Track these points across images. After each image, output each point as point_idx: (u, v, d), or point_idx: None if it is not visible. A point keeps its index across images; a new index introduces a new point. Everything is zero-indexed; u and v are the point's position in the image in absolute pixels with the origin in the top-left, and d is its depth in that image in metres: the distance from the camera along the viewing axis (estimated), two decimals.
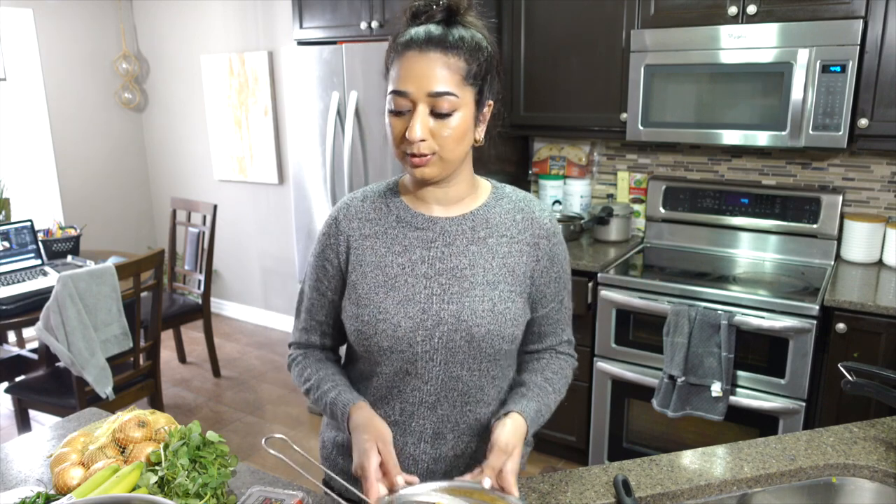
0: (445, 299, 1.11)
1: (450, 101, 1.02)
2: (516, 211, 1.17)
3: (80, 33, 4.52)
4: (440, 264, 1.12)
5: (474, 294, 1.11)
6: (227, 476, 1.12)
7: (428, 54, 1.02)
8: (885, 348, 2.19)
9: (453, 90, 1.02)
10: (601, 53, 2.78)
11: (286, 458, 1.09)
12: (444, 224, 1.14)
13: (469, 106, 1.05)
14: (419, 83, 1.02)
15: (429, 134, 1.03)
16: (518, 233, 1.16)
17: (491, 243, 1.14)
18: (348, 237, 1.17)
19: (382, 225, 1.16)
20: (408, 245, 1.14)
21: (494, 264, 1.13)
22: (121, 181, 4.94)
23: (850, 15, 2.27)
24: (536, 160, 3.37)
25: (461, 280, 1.12)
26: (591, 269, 2.65)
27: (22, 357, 3.26)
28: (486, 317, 1.11)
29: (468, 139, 1.08)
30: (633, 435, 2.69)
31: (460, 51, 1.03)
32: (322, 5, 3.16)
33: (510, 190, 1.21)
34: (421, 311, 1.11)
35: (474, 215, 1.15)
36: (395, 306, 1.11)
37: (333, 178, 3.04)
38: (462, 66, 1.03)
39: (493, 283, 1.12)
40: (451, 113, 1.03)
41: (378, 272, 1.14)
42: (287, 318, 4.63)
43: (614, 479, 1.17)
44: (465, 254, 1.13)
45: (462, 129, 1.05)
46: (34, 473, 1.25)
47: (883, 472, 1.21)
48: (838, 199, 2.63)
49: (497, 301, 1.12)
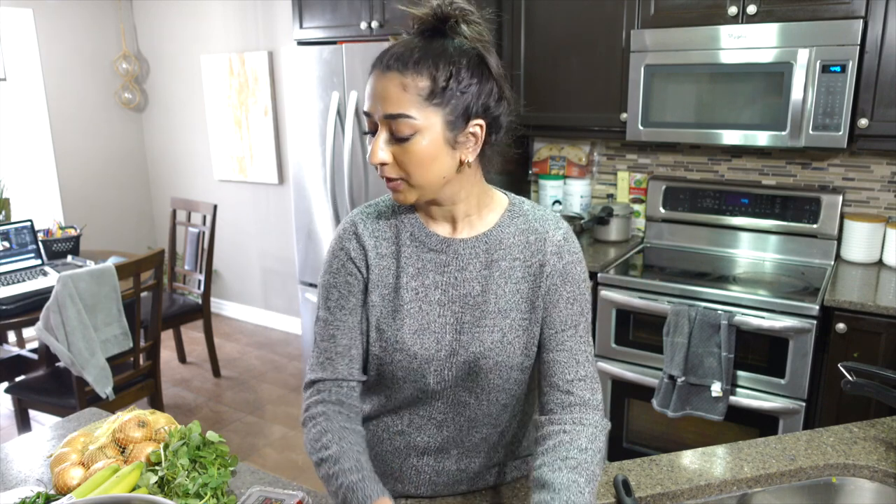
0: (458, 329, 1.08)
1: (407, 124, 0.95)
2: (531, 232, 1.09)
3: (80, 33, 4.52)
4: (453, 291, 1.08)
5: (485, 324, 1.07)
6: (227, 476, 1.12)
7: (387, 73, 0.96)
8: (885, 348, 2.19)
9: (410, 112, 0.95)
10: (601, 53, 2.78)
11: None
12: (458, 247, 1.08)
13: (434, 129, 0.96)
14: (376, 104, 0.97)
15: (391, 158, 0.98)
16: (531, 255, 1.08)
17: (504, 266, 1.08)
18: (367, 252, 1.09)
19: (396, 243, 1.10)
20: (421, 268, 1.09)
21: (507, 290, 1.07)
22: (121, 181, 4.94)
23: (850, 15, 2.27)
24: (536, 160, 3.37)
25: (473, 308, 1.07)
26: (591, 269, 2.65)
27: (22, 357, 3.26)
28: (495, 348, 1.07)
29: (441, 164, 0.99)
30: (633, 435, 2.69)
31: (425, 72, 0.95)
32: (322, 5, 3.16)
33: (528, 207, 1.13)
34: (435, 341, 1.08)
35: (488, 237, 1.08)
36: (411, 336, 1.07)
37: (333, 178, 3.04)
38: (423, 86, 0.95)
39: (505, 311, 1.07)
40: (409, 137, 0.96)
41: (393, 295, 1.09)
42: (287, 318, 4.63)
43: (614, 479, 1.17)
44: (477, 279, 1.08)
45: (426, 154, 0.97)
46: (34, 473, 1.25)
47: (883, 472, 1.21)
48: (838, 199, 2.63)
49: (507, 331, 1.07)
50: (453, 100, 0.97)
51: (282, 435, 3.28)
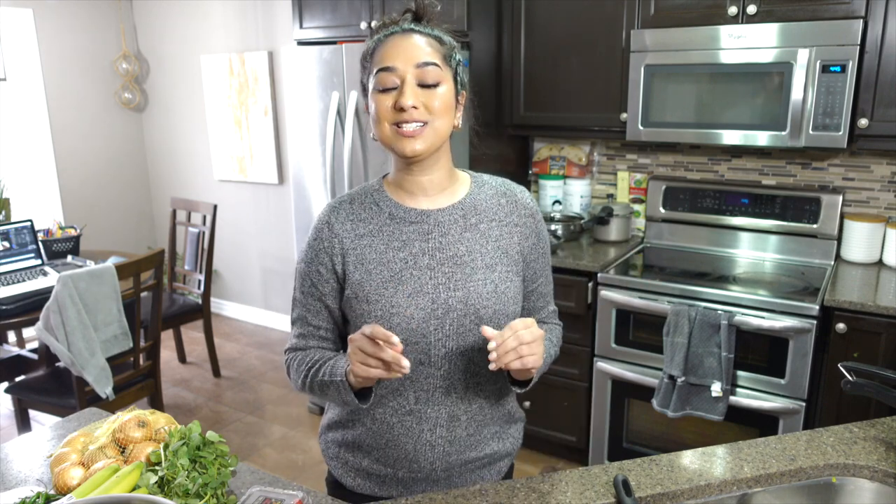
0: (451, 287, 1.16)
1: (436, 72, 1.11)
2: (499, 195, 1.25)
3: (80, 33, 4.52)
4: (440, 254, 1.17)
5: (477, 278, 1.17)
6: (227, 476, 1.12)
7: (411, 35, 1.13)
8: (885, 348, 2.19)
9: (438, 62, 1.12)
10: (601, 53, 2.78)
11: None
12: (437, 216, 1.19)
13: (450, 83, 1.14)
14: (406, 56, 1.10)
15: (420, 103, 1.10)
16: (506, 215, 1.23)
17: (483, 228, 1.21)
18: (342, 239, 1.19)
19: (376, 223, 1.20)
20: (406, 240, 1.18)
21: (490, 248, 1.20)
22: (121, 181, 4.94)
23: (850, 15, 2.27)
24: (536, 160, 3.37)
25: (462, 267, 1.18)
26: (591, 269, 2.65)
27: (22, 357, 3.26)
28: (491, 298, 1.17)
29: (451, 116, 1.15)
30: (633, 435, 2.69)
31: (437, 38, 1.15)
32: (322, 5, 3.16)
33: (487, 177, 1.28)
34: (431, 301, 1.15)
35: (463, 204, 1.21)
36: (405, 299, 1.15)
37: (333, 178, 3.04)
38: (442, 48, 1.14)
39: (492, 265, 1.19)
40: (437, 83, 1.11)
41: (382, 268, 1.17)
42: (287, 318, 4.63)
43: (614, 479, 1.17)
44: (461, 241, 1.19)
45: (448, 100, 1.13)
46: (34, 473, 1.25)
47: (883, 472, 1.21)
48: (838, 199, 2.63)
49: (498, 282, 1.19)
50: (456, 67, 1.16)
51: (282, 435, 3.28)
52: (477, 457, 1.27)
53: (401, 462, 1.23)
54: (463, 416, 1.22)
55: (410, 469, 1.23)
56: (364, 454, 1.27)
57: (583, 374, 2.75)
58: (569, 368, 2.76)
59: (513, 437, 1.35)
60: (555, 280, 2.45)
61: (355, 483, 1.29)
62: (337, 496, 1.29)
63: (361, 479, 1.29)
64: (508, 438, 1.33)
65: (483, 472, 1.30)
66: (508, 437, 1.33)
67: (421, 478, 1.25)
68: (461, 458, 1.25)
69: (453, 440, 1.23)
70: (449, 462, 1.24)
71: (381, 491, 1.27)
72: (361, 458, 1.27)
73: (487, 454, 1.29)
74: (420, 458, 1.22)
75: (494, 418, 1.28)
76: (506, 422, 1.32)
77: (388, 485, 1.27)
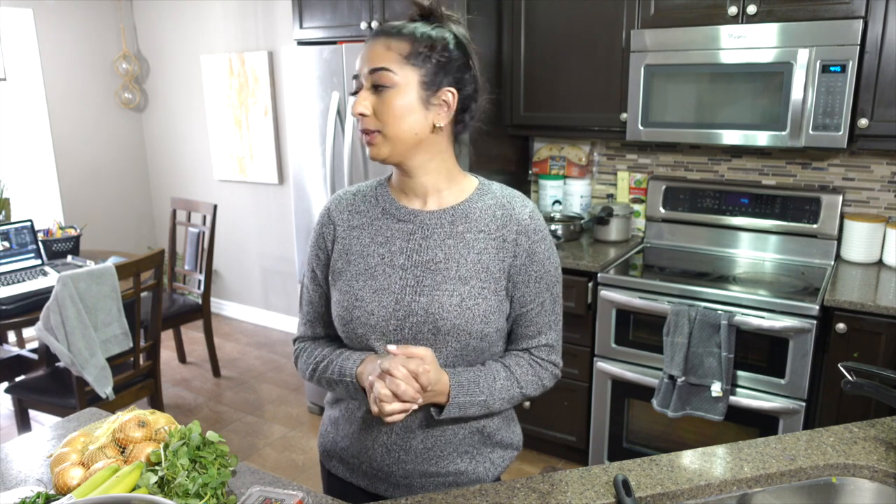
0: (418, 291, 1.14)
1: (386, 77, 1.09)
2: (497, 207, 1.18)
3: (80, 33, 4.52)
4: (417, 256, 1.16)
5: (445, 288, 1.14)
6: (227, 476, 1.12)
7: (376, 40, 1.12)
8: (885, 348, 2.19)
9: (389, 66, 1.09)
10: (601, 53, 2.78)
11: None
12: (425, 217, 1.18)
13: (410, 85, 1.10)
14: (364, 63, 1.12)
15: (371, 111, 1.11)
16: (496, 229, 1.16)
17: (468, 238, 1.16)
18: (336, 227, 1.23)
19: (369, 216, 1.21)
20: (389, 236, 1.18)
21: (469, 259, 1.15)
22: (121, 181, 4.94)
23: (850, 15, 2.27)
24: (536, 160, 3.37)
25: (434, 273, 1.15)
26: (591, 269, 2.65)
27: (22, 357, 3.26)
28: (453, 311, 1.13)
29: (414, 120, 1.11)
30: (633, 435, 2.69)
31: (406, 38, 1.11)
32: (322, 5, 3.16)
33: (497, 187, 1.23)
34: (394, 301, 1.15)
35: (454, 210, 1.18)
36: (370, 294, 1.16)
37: (333, 178, 3.04)
38: (404, 48, 1.10)
39: (465, 278, 1.14)
40: (388, 87, 1.09)
41: (360, 261, 1.19)
42: (287, 318, 4.64)
43: (614, 479, 1.17)
44: (441, 247, 1.16)
45: (400, 104, 1.10)
46: (34, 473, 1.25)
47: (883, 472, 1.21)
48: (838, 199, 2.63)
49: (466, 296, 1.13)
50: (429, 64, 1.11)
51: (282, 435, 3.28)
52: (438, 472, 1.22)
53: (363, 456, 1.24)
54: (417, 428, 1.19)
55: (371, 465, 1.24)
56: (341, 437, 1.29)
57: (583, 374, 2.75)
58: (569, 368, 2.76)
59: (492, 463, 1.27)
60: None
61: (331, 465, 1.33)
62: (336, 495, 1.30)
63: (336, 461, 1.31)
64: (484, 462, 1.25)
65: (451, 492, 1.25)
66: (485, 461, 1.26)
67: (381, 477, 1.24)
68: (419, 468, 1.21)
69: (408, 449, 1.20)
70: (406, 470, 1.22)
71: (351, 477, 1.29)
72: (339, 440, 1.29)
73: (452, 472, 1.23)
74: (377, 458, 1.23)
75: (460, 436, 1.22)
76: (481, 443, 1.25)
77: (356, 474, 1.28)
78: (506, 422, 1.29)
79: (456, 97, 1.14)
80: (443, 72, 1.12)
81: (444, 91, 1.12)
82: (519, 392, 1.20)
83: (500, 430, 1.28)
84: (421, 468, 1.22)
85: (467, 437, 1.23)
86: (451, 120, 1.16)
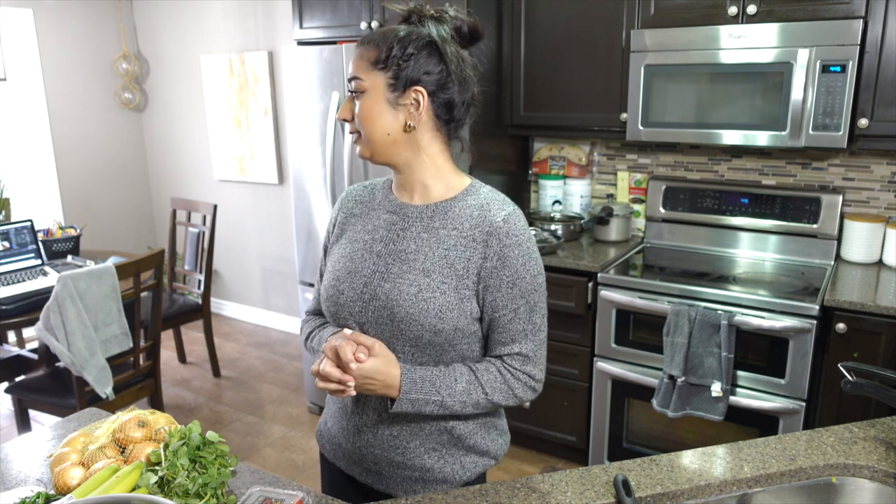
0: (384, 277, 1.19)
1: (358, 84, 1.17)
2: (477, 208, 1.19)
3: (80, 33, 4.52)
4: (392, 245, 1.21)
5: (407, 277, 1.17)
6: (227, 476, 1.12)
7: (355, 51, 1.19)
8: (885, 348, 2.19)
9: (359, 75, 1.16)
10: (601, 53, 2.78)
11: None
12: (409, 210, 1.23)
13: (377, 89, 1.15)
14: (347, 73, 1.22)
15: (351, 116, 1.19)
16: (469, 228, 1.17)
17: (441, 234, 1.19)
18: (341, 212, 1.34)
19: (368, 207, 1.30)
20: (377, 225, 1.25)
21: (436, 254, 1.17)
22: (121, 181, 4.94)
23: (850, 15, 2.27)
24: (536, 160, 3.37)
25: (402, 262, 1.19)
26: (591, 269, 2.65)
27: (22, 357, 3.26)
28: (409, 300, 1.15)
29: (384, 121, 1.16)
30: (633, 435, 2.69)
31: (374, 45, 1.16)
32: (322, 5, 3.16)
33: (487, 190, 1.23)
34: (363, 283, 1.21)
35: (436, 206, 1.21)
36: (344, 276, 1.23)
37: (333, 178, 3.04)
38: (372, 55, 1.15)
39: (428, 271, 1.17)
40: (361, 93, 1.16)
41: (348, 245, 1.27)
42: (287, 318, 4.64)
43: (614, 479, 1.17)
44: (415, 239, 1.20)
45: (369, 110, 1.16)
46: (34, 473, 1.25)
47: (883, 472, 1.21)
48: (838, 199, 2.63)
49: (424, 288, 1.15)
50: (394, 66, 1.14)
51: (282, 435, 3.28)
52: (405, 463, 1.23)
53: (341, 436, 1.30)
54: (383, 412, 1.23)
55: (346, 446, 1.29)
56: (329, 415, 1.36)
57: (583, 374, 2.75)
58: (569, 368, 2.76)
59: (462, 466, 1.25)
60: (555, 280, 2.44)
61: (322, 444, 1.38)
62: (328, 478, 1.35)
63: (326, 440, 1.36)
64: (454, 464, 1.25)
65: (419, 487, 1.25)
66: (454, 463, 1.25)
67: (355, 460, 1.28)
68: (386, 456, 1.24)
69: (377, 433, 1.24)
70: (375, 455, 1.25)
71: (334, 458, 1.34)
72: (328, 418, 1.36)
73: (419, 467, 1.23)
74: (350, 439, 1.28)
75: (426, 430, 1.22)
76: (451, 444, 1.24)
77: (337, 455, 1.33)
78: (484, 428, 1.28)
79: (425, 96, 1.15)
80: (409, 72, 1.14)
81: (411, 91, 1.15)
82: (485, 398, 1.18)
83: (475, 436, 1.26)
84: (388, 455, 1.24)
85: (434, 435, 1.23)
86: (431, 118, 1.18)
